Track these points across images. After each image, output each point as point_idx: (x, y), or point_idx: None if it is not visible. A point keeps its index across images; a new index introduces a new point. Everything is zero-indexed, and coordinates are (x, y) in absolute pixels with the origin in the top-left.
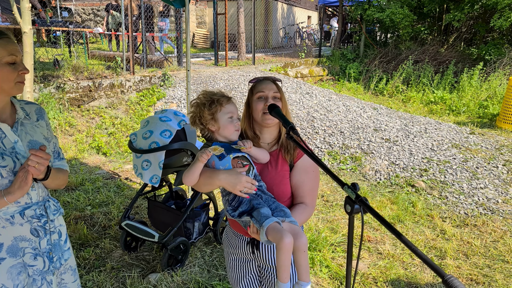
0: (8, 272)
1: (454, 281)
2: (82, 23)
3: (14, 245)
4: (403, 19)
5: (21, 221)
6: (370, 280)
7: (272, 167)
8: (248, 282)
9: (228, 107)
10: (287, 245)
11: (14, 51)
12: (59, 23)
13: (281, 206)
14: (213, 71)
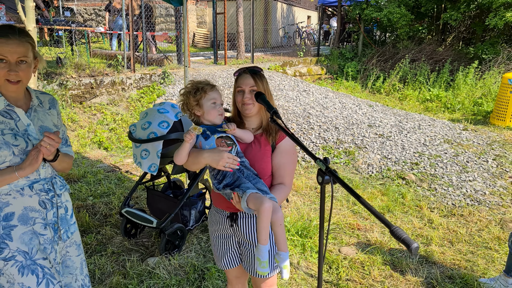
0: (21, 238)
1: (398, 230)
2: (84, 23)
3: (25, 214)
4: (401, 18)
5: (30, 193)
6: (357, 264)
7: (255, 146)
8: (230, 258)
9: (212, 94)
10: (266, 209)
11: (3, 52)
12: (61, 22)
13: (261, 184)
14: (212, 70)
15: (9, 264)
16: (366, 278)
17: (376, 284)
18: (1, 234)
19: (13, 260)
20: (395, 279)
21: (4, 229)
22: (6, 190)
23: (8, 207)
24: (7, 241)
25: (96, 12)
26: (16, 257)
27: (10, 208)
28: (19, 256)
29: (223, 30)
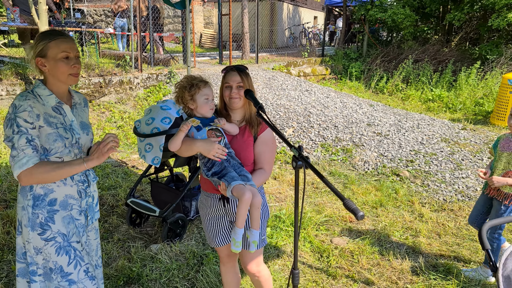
0: (61, 221)
1: (349, 202)
2: (93, 24)
3: (65, 200)
4: (405, 19)
5: (71, 183)
6: (347, 253)
7: (240, 138)
8: (222, 237)
9: (205, 90)
10: (247, 199)
11: (66, 49)
12: (72, 24)
13: (244, 172)
14: (217, 70)
15: (49, 244)
16: (355, 266)
17: (364, 271)
18: (46, 217)
19: (53, 241)
20: (382, 267)
21: (48, 212)
22: None
23: (52, 194)
24: (50, 223)
25: (105, 13)
26: (56, 238)
27: (54, 195)
28: (58, 237)
29: (229, 31)
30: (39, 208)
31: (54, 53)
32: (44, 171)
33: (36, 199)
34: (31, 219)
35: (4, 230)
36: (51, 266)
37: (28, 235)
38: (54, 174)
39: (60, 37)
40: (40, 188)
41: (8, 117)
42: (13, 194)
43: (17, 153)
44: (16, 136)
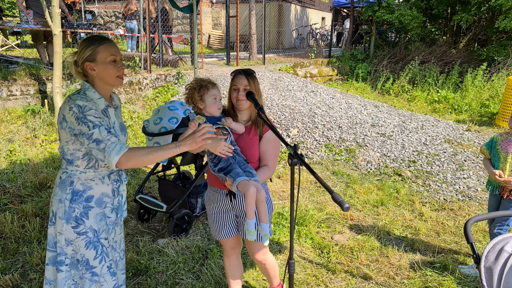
0: (94, 218)
1: (336, 195)
2: (104, 25)
3: (100, 198)
4: (412, 20)
5: (108, 182)
6: (347, 250)
7: (246, 136)
8: (228, 229)
9: (213, 91)
10: (252, 193)
11: (114, 52)
12: (84, 26)
13: (249, 168)
14: (224, 70)
15: (80, 238)
16: (354, 262)
17: (362, 267)
18: (81, 212)
19: (84, 235)
20: (380, 263)
21: (84, 208)
22: (92, 176)
23: (90, 191)
24: (84, 218)
25: (115, 15)
26: (87, 233)
27: (91, 192)
28: (90, 232)
29: (237, 32)
30: (77, 203)
31: (103, 57)
32: (141, 154)
33: (75, 194)
34: (67, 212)
35: (19, 224)
36: (78, 257)
37: (62, 227)
38: (150, 156)
39: (106, 41)
40: (80, 185)
41: (77, 115)
42: (27, 190)
43: (105, 143)
44: (95, 130)
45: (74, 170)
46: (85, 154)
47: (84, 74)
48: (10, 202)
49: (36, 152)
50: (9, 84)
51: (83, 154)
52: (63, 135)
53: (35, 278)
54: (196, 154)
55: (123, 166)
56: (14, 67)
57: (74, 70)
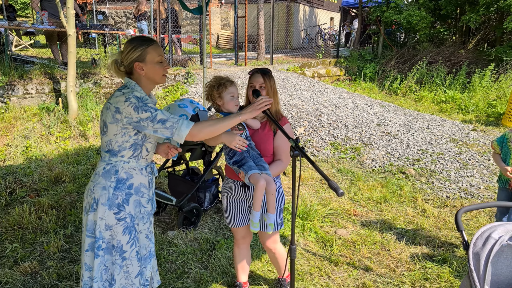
0: (133, 204)
1: (333, 183)
2: (115, 25)
3: (139, 187)
4: (420, 21)
5: (145, 173)
6: (349, 243)
7: (261, 132)
8: (241, 218)
9: (231, 89)
10: (261, 186)
11: (161, 53)
12: (97, 27)
13: (262, 162)
14: (233, 70)
15: (120, 223)
16: (356, 255)
17: (364, 260)
18: (123, 199)
19: (123, 221)
20: (381, 256)
21: (126, 195)
22: (133, 166)
23: (132, 179)
24: (125, 205)
25: (126, 15)
26: (126, 219)
27: (132, 180)
28: (128, 218)
29: (246, 33)
30: (120, 190)
31: (152, 58)
32: (209, 124)
33: (119, 182)
34: (110, 199)
35: (36, 215)
36: (114, 243)
37: (104, 213)
38: (219, 126)
39: (153, 43)
40: (124, 173)
41: (135, 105)
42: (43, 184)
43: (172, 121)
44: (158, 112)
45: (118, 160)
46: (132, 145)
47: (126, 72)
48: (27, 195)
49: (50, 149)
50: (25, 83)
51: (130, 145)
52: (112, 129)
53: (52, 265)
54: (204, 150)
55: (194, 138)
56: (30, 67)
57: (114, 68)
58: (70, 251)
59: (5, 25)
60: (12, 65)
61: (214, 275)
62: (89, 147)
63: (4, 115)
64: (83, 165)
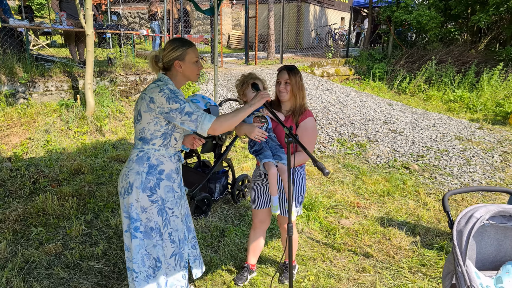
0: (164, 189)
1: (320, 164)
2: (128, 25)
3: (170, 173)
4: (430, 20)
5: (174, 160)
6: (352, 232)
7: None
8: (262, 201)
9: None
10: (272, 173)
11: (197, 54)
12: (112, 27)
13: (280, 153)
14: (243, 69)
15: (153, 206)
16: (358, 242)
17: (365, 247)
18: (155, 183)
19: (156, 203)
20: (382, 244)
21: (157, 180)
22: (163, 154)
23: (162, 165)
24: (156, 188)
25: (139, 16)
26: (158, 201)
27: (163, 167)
28: (160, 201)
29: (256, 33)
30: (152, 175)
31: (190, 58)
32: (228, 118)
33: (151, 168)
34: (144, 183)
35: (58, 203)
36: (152, 225)
37: (138, 195)
38: (236, 118)
39: (193, 45)
40: (155, 160)
41: (168, 95)
42: (64, 175)
43: (197, 114)
44: (186, 104)
45: (150, 148)
46: (163, 134)
47: (164, 68)
48: (49, 185)
49: (69, 143)
50: (45, 80)
51: (161, 134)
52: (145, 117)
53: (75, 247)
54: (215, 143)
55: (216, 132)
56: (50, 65)
57: (152, 63)
58: (90, 235)
59: (26, 25)
60: (33, 64)
61: (224, 258)
62: (105, 141)
63: (26, 111)
64: (100, 158)
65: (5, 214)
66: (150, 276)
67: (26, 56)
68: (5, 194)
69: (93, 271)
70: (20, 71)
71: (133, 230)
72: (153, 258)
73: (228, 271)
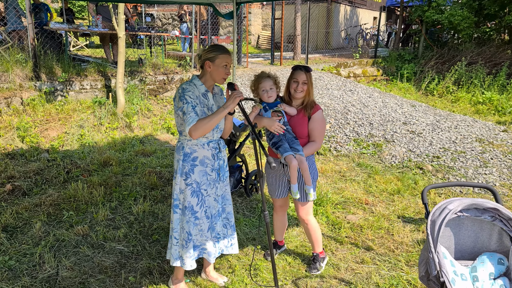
0: (198, 173)
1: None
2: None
3: (203, 159)
4: (462, 20)
5: (207, 148)
6: (356, 227)
7: (296, 117)
8: (281, 191)
9: (261, 84)
10: (293, 165)
11: (228, 61)
12: (144, 29)
13: (295, 145)
14: (268, 70)
15: (188, 188)
16: (361, 237)
17: (367, 241)
18: (189, 168)
19: (190, 186)
20: (384, 239)
21: (191, 166)
22: (196, 143)
23: (195, 153)
24: (191, 173)
25: (172, 17)
26: (192, 184)
27: (196, 154)
28: (194, 184)
29: (284, 33)
30: (186, 162)
31: (219, 62)
32: (203, 123)
33: (185, 156)
34: (180, 169)
35: (88, 191)
36: (186, 205)
37: (178, 179)
38: (210, 123)
39: (226, 53)
40: (188, 149)
41: (179, 95)
42: (94, 166)
43: (187, 116)
44: (185, 105)
45: (183, 139)
46: None
47: (201, 66)
48: (81, 174)
49: (101, 137)
50: (81, 79)
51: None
52: (175, 112)
53: (100, 230)
54: (229, 139)
55: (194, 135)
56: (85, 65)
57: (197, 59)
58: (114, 219)
59: (65, 28)
60: (71, 64)
61: None
62: (134, 137)
63: (63, 107)
64: (128, 152)
65: (41, 199)
66: (183, 246)
67: (65, 57)
68: (42, 182)
69: (115, 251)
70: (59, 71)
71: (174, 207)
72: (186, 232)
73: (235, 257)
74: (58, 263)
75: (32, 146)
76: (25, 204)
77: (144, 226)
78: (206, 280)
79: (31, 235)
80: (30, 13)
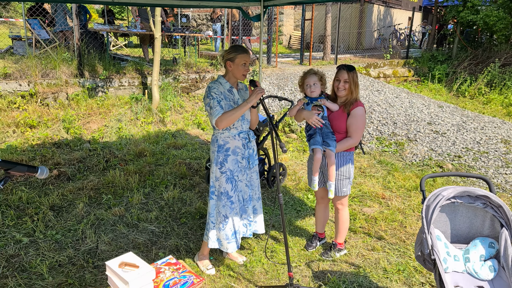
0: (231, 162)
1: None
2: (196, 27)
3: (235, 149)
4: (498, 21)
5: (238, 138)
6: (371, 219)
7: (337, 112)
8: (320, 181)
9: (307, 80)
10: (317, 158)
11: (246, 59)
12: (178, 30)
13: (329, 139)
14: (296, 69)
15: (223, 175)
16: (374, 227)
17: (380, 232)
18: (223, 158)
19: (225, 174)
20: (397, 230)
21: (224, 156)
22: (227, 135)
23: (228, 144)
24: (225, 163)
25: (207, 18)
26: (227, 172)
27: (228, 145)
28: (228, 172)
29: (316, 33)
30: (220, 152)
31: (239, 61)
32: (227, 115)
33: (219, 147)
34: (215, 159)
35: (124, 178)
36: (221, 191)
37: (213, 168)
38: (234, 115)
39: (245, 53)
40: (222, 141)
41: (206, 93)
42: (130, 157)
43: (213, 110)
44: (212, 100)
45: (217, 132)
46: None
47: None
48: (118, 163)
49: (137, 131)
50: (120, 77)
51: None
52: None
53: (134, 212)
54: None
55: (219, 126)
56: (124, 64)
57: (221, 59)
58: (147, 203)
59: (107, 29)
60: (111, 62)
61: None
62: (166, 131)
63: (104, 102)
64: (161, 145)
65: (83, 184)
66: (220, 228)
67: (106, 56)
68: (84, 169)
69: (147, 230)
70: (100, 69)
71: (210, 194)
72: (222, 215)
73: (254, 240)
74: (97, 238)
75: (76, 137)
76: (70, 188)
77: (173, 210)
78: (227, 258)
79: (75, 214)
80: (76, 15)
